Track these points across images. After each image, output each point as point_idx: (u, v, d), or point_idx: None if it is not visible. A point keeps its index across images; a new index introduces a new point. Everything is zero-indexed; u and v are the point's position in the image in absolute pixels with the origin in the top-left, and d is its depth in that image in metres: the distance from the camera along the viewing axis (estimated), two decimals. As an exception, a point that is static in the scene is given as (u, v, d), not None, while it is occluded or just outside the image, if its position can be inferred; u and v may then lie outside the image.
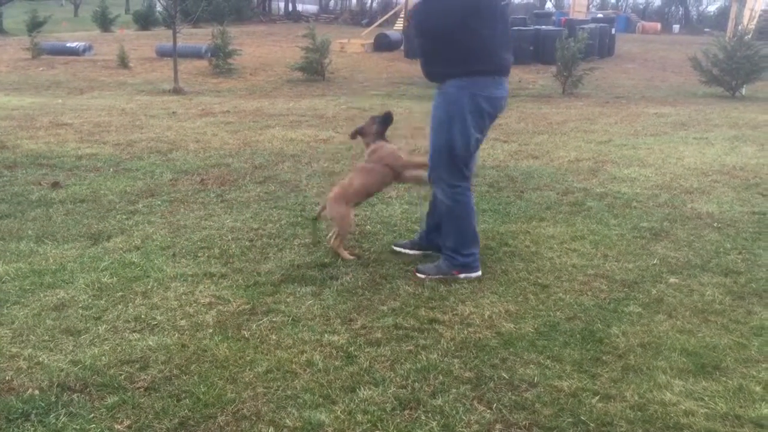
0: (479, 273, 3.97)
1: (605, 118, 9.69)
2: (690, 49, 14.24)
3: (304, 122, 9.15)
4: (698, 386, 2.81)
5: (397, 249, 4.34)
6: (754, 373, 2.91)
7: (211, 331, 3.21)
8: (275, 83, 13.65)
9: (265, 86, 13.19)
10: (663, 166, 6.75)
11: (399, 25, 24.15)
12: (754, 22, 13.76)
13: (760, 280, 3.92)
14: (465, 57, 3.69)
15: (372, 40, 20.66)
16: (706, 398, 2.72)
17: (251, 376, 2.82)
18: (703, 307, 3.56)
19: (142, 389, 2.72)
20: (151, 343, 3.08)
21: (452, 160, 3.88)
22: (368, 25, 27.16)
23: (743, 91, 12.39)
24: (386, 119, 4.37)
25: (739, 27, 13.22)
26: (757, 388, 2.79)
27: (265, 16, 34.89)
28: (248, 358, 2.97)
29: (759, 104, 11.32)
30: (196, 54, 16.49)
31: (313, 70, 14.06)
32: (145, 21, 29.03)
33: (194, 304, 3.49)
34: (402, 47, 19.43)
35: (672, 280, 3.92)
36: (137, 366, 2.89)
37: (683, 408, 2.65)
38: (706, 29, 23.94)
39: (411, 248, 4.33)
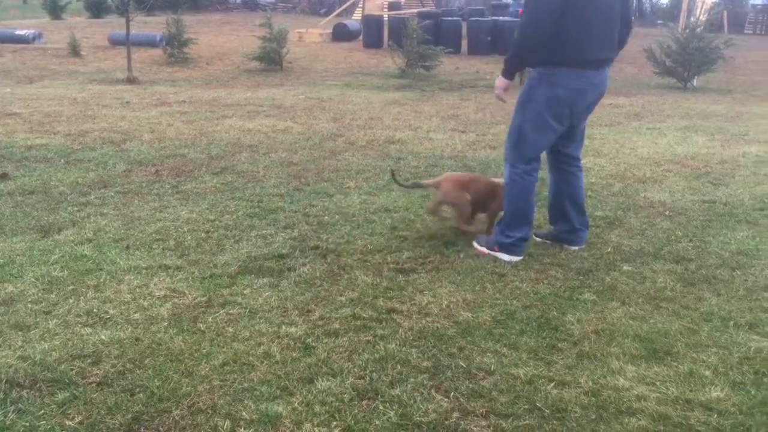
0: (518, 258, 4.06)
1: (561, 108, 9.81)
2: (644, 40, 14.50)
3: (261, 112, 9.05)
4: (650, 371, 2.87)
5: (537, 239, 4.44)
6: (704, 357, 2.99)
7: (165, 324, 3.16)
8: (232, 73, 13.47)
9: (222, 76, 13.01)
10: (617, 156, 6.87)
11: (358, 14, 24.05)
12: (706, 14, 14.05)
13: (710, 266, 4.01)
14: (551, 47, 3.81)
15: (330, 30, 20.53)
16: (657, 383, 2.78)
17: (207, 369, 2.79)
18: (655, 294, 3.63)
19: (94, 384, 2.67)
20: (103, 337, 3.02)
21: (520, 140, 4.04)
22: (326, 14, 26.99)
23: (695, 82, 12.66)
24: None
25: (692, 19, 13.50)
26: (707, 373, 2.86)
27: (222, 4, 34.37)
28: (204, 351, 2.93)
29: (710, 95, 11.59)
30: (150, 43, 16.17)
31: (271, 59, 13.91)
32: (97, 8, 28.32)
33: (148, 297, 3.43)
34: (361, 37, 19.35)
35: (625, 267, 3.99)
36: (89, 361, 2.83)
37: (635, 393, 2.70)
38: (660, 21, 24.39)
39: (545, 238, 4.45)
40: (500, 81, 4.05)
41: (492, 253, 4.09)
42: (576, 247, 4.25)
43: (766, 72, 15.13)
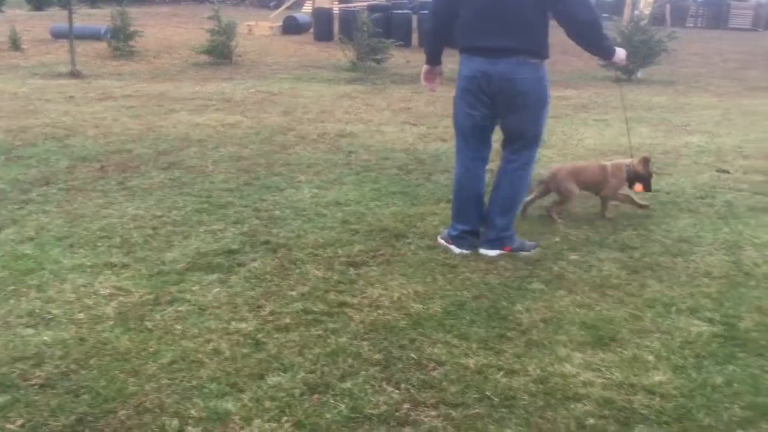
0: (464, 251, 4.07)
1: (511, 101, 9.92)
2: (590, 34, 14.74)
3: (210, 106, 8.92)
4: (596, 358, 2.93)
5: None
6: (647, 343, 3.07)
7: (111, 323, 3.10)
8: (180, 66, 13.23)
9: (170, 69, 12.76)
10: (565, 147, 6.98)
11: (308, 7, 23.87)
12: (650, 7, 14.38)
13: (653, 254, 4.12)
14: (456, 34, 3.94)
15: (280, 23, 20.33)
16: (603, 369, 2.84)
17: (155, 368, 2.75)
18: (600, 282, 3.71)
19: (36, 386, 2.60)
20: (46, 338, 2.94)
21: (456, 130, 4.13)
22: (276, 7, 26.69)
23: (639, 74, 12.94)
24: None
25: (636, 12, 13.80)
26: (650, 357, 2.94)
27: (169, -4, 33.67)
28: (151, 349, 2.89)
29: (654, 87, 11.87)
30: (94, 35, 15.73)
31: (220, 53, 13.69)
32: (38, 1, 27.49)
33: (93, 296, 3.35)
34: (311, 30, 19.21)
35: (572, 256, 4.06)
36: (31, 362, 2.76)
37: (582, 379, 2.76)
38: (605, 14, 24.86)
39: None
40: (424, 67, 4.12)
41: (447, 245, 4.13)
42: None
43: (707, 64, 15.56)
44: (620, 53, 4.04)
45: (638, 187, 4.72)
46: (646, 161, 4.71)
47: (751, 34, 24.07)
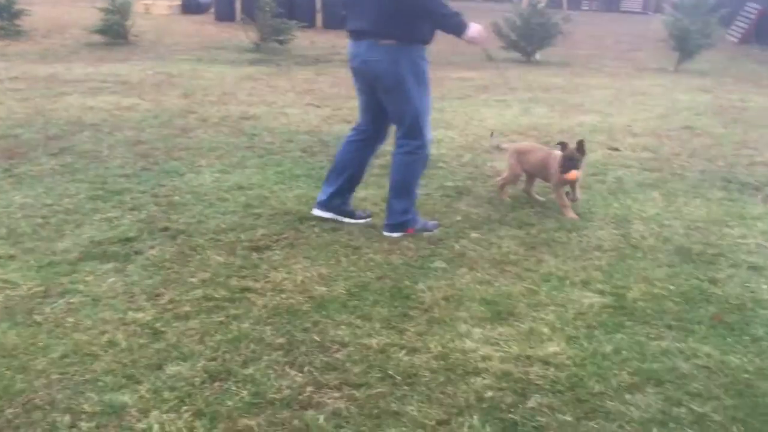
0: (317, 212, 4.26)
1: (415, 82, 10.01)
2: (491, 16, 15.03)
3: (105, 89, 8.53)
4: (494, 332, 3.02)
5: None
6: (543, 315, 3.19)
7: (-4, 318, 2.93)
8: (72, 47, 12.57)
9: (60, 50, 12.11)
10: (467, 127, 7.11)
11: (208, -14, 23.15)
12: (547, -9, 14.75)
13: (550, 230, 4.27)
14: None
15: (180, 2, 19.66)
16: (501, 342, 2.94)
17: (45, 363, 2.63)
18: (500, 259, 3.82)
19: None
20: (-77, 337, 2.76)
21: None
22: (175, -15, 25.77)
23: (537, 56, 13.30)
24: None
25: (534, -4, 14.11)
26: (545, 329, 3.06)
27: (59, -28, 31.90)
28: (41, 344, 2.76)
29: (551, 68, 12.25)
30: (-24, 13, 14.75)
31: (115, 33, 13.09)
32: None
33: (-24, 291, 3.16)
34: (212, 10, 18.68)
35: (473, 234, 4.16)
36: None
37: (481, 353, 2.84)
38: (506, -2, 25.43)
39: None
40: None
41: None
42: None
43: (600, 46, 16.17)
44: (473, 30, 3.80)
45: (573, 174, 4.44)
46: (581, 144, 4.52)
47: (642, 17, 25.18)
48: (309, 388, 2.57)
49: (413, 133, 3.99)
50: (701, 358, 2.88)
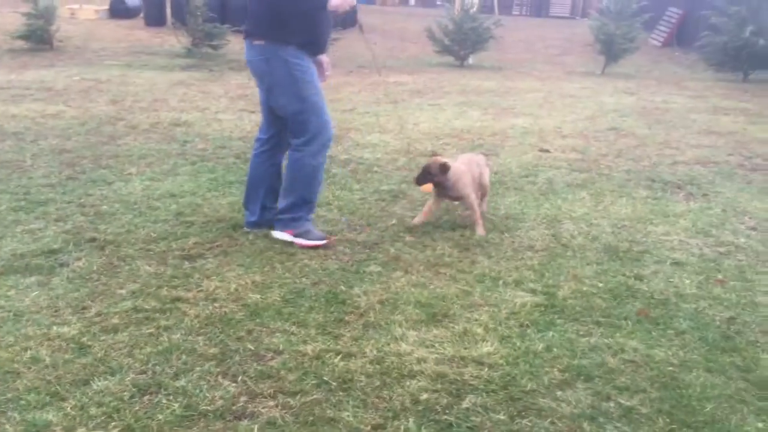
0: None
1: (349, 87, 10.01)
2: (426, 20, 15.18)
3: (28, 96, 8.24)
4: (429, 334, 3.04)
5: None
6: (477, 316, 3.23)
7: None
8: (-7, 53, 12.11)
9: (-19, 56, 11.65)
10: (401, 131, 7.15)
11: (138, -10, 22.63)
12: (478, -4, 15.00)
13: (483, 231, 4.33)
14: None
15: (107, 6, 19.17)
16: (436, 344, 2.96)
17: (-37, 384, 2.51)
18: (435, 261, 3.85)
19: None
20: None
21: None
22: (103, -11, 25.10)
23: (470, 60, 13.52)
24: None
25: (466, 1, 14.35)
26: (479, 330, 3.10)
27: (-22, -25, 30.66)
28: (-41, 363, 2.63)
29: (484, 72, 12.46)
30: None
31: (39, 38, 12.65)
32: None
33: None
34: (142, 14, 18.27)
35: (408, 238, 4.18)
36: None
37: (416, 356, 2.86)
38: (439, 2, 25.73)
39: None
40: None
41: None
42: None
43: (530, 50, 16.55)
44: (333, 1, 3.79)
45: (426, 187, 4.34)
46: (443, 166, 4.24)
47: (570, 21, 25.88)
48: (243, 398, 2.53)
49: (296, 131, 3.95)
50: (628, 353, 2.97)
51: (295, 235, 4.01)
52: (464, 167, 4.38)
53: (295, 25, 3.78)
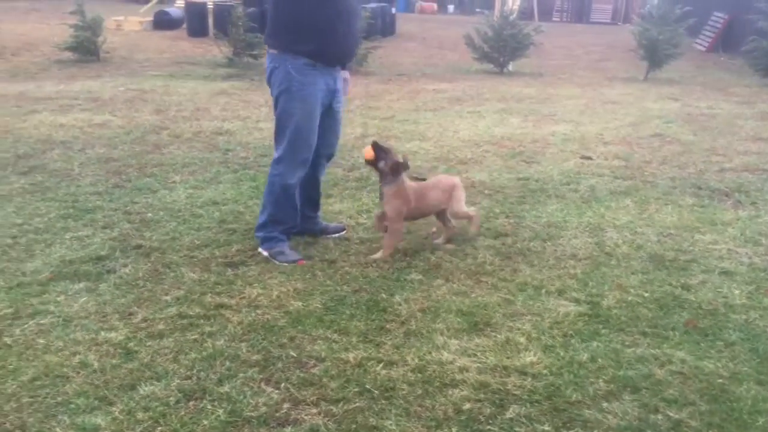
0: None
1: (388, 95, 10.03)
2: (464, 28, 15.15)
3: (76, 106, 8.44)
4: (471, 343, 3.02)
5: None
6: (519, 325, 3.19)
7: (-36, 342, 2.87)
8: (42, 64, 12.44)
9: (30, 68, 11.98)
10: (441, 139, 7.14)
11: (180, 2, 23.12)
12: (518, 3, 14.92)
13: (525, 240, 4.29)
14: None
15: (151, 18, 19.57)
16: (478, 353, 2.93)
17: (15, 387, 2.58)
18: (476, 269, 3.82)
19: None
20: None
21: None
22: (146, 1, 25.67)
23: (510, 67, 13.44)
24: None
25: (505, 8, 14.26)
26: (522, 339, 3.06)
27: (28, -11, 31.60)
28: (11, 366, 2.70)
29: (523, 79, 12.36)
30: (-57, 31, 14.57)
31: (86, 49, 12.98)
32: None
33: (-57, 314, 3.10)
34: (185, 25, 18.61)
35: (449, 246, 4.16)
36: None
37: (458, 365, 2.84)
38: (478, 9, 25.67)
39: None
40: None
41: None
42: None
43: (571, 56, 16.37)
44: None
45: (369, 151, 3.98)
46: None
47: (611, 27, 25.57)
48: (286, 405, 2.55)
49: (275, 145, 3.93)
50: (676, 364, 2.91)
51: (270, 255, 3.90)
52: (414, 190, 4.03)
53: (306, 33, 3.71)
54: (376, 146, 3.93)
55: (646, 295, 3.56)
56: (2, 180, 5.19)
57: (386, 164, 3.93)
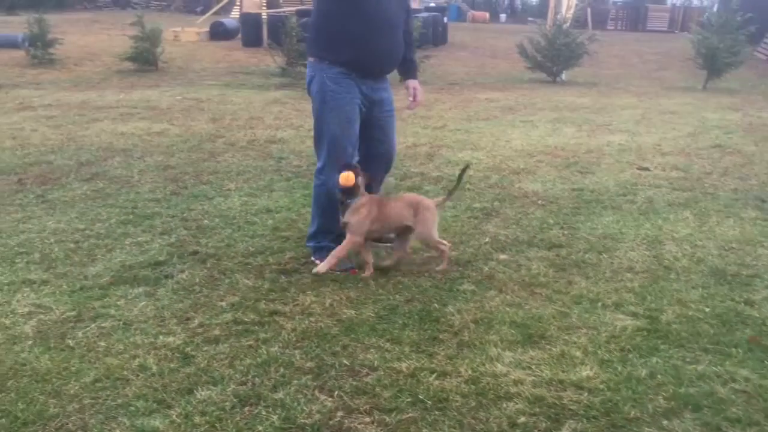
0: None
1: (440, 104, 10.02)
2: (516, 37, 15.05)
3: (135, 114, 8.69)
4: (526, 356, 2.98)
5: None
6: (575, 339, 3.13)
7: (30, 342, 2.97)
8: (103, 74, 12.85)
9: (92, 77, 12.38)
10: (493, 148, 7.09)
11: (235, 12, 23.58)
12: (571, 11, 14.77)
13: (579, 251, 4.22)
14: None
15: (207, 29, 20.02)
16: (533, 366, 2.89)
17: (77, 388, 2.64)
18: (529, 281, 3.78)
19: (-51, 414, 2.46)
20: (-41, 361, 2.80)
21: None
22: (203, 12, 26.27)
23: (563, 76, 13.29)
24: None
25: (558, 16, 14.13)
26: (577, 353, 3.01)
27: (89, 2, 32.74)
28: (74, 368, 2.78)
29: (577, 88, 12.20)
30: (11, 44, 15.12)
31: (145, 60, 13.37)
32: (-50, 7, 26.28)
33: (10, 315, 3.21)
34: (239, 36, 18.98)
35: (502, 256, 4.13)
36: (-57, 388, 2.61)
37: (512, 378, 2.80)
38: (530, 18, 25.49)
39: None
40: None
41: None
42: None
43: (626, 65, 16.12)
44: None
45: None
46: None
47: (668, 35, 25.06)
48: (339, 413, 2.55)
49: (316, 156, 3.99)
50: (739, 383, 2.81)
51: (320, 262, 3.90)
52: (375, 200, 3.88)
53: (340, 43, 3.74)
54: (356, 171, 3.72)
55: (707, 310, 3.45)
56: (66, 186, 5.36)
57: (363, 180, 3.80)
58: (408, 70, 4.19)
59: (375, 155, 4.08)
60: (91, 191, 5.26)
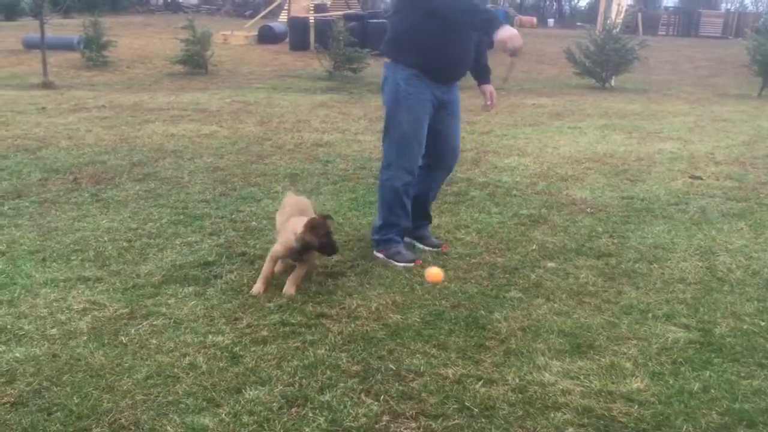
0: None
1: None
2: (564, 42, 14.89)
3: (186, 116, 8.86)
4: (574, 366, 2.94)
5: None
6: (624, 350, 3.08)
7: (85, 338, 3.04)
8: (155, 76, 13.15)
9: (144, 80, 12.68)
10: (540, 155, 7.03)
11: (283, 17, 23.87)
12: (621, 16, 14.55)
13: (629, 261, 4.15)
14: None
15: (256, 32, 20.30)
16: (581, 377, 2.85)
17: (129, 384, 2.70)
18: (578, 290, 3.72)
19: (8, 405, 2.54)
20: (18, 354, 2.88)
21: None
22: (252, 16, 26.64)
23: (612, 82, 13.10)
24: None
25: (608, 21, 13.93)
26: (627, 364, 2.95)
27: (142, 6, 33.54)
28: (126, 364, 2.84)
29: (626, 94, 12.02)
30: (67, 46, 15.59)
31: (195, 62, 13.65)
32: (9, 11, 27.17)
33: (66, 311, 3.29)
34: (287, 39, 19.20)
35: (549, 264, 4.08)
36: (2, 380, 2.70)
37: (561, 387, 2.76)
38: (579, 23, 25.17)
39: None
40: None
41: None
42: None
43: (678, 71, 15.80)
44: (504, 33, 3.59)
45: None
46: (311, 227, 3.51)
47: (721, 41, 24.49)
48: (385, 417, 2.55)
49: (383, 152, 4.09)
50: (797, 400, 2.72)
51: (387, 257, 4.07)
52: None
53: (414, 46, 3.85)
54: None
55: (763, 324, 3.36)
56: (119, 186, 5.49)
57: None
58: (482, 75, 4.30)
59: (443, 152, 4.17)
60: (143, 191, 5.38)
